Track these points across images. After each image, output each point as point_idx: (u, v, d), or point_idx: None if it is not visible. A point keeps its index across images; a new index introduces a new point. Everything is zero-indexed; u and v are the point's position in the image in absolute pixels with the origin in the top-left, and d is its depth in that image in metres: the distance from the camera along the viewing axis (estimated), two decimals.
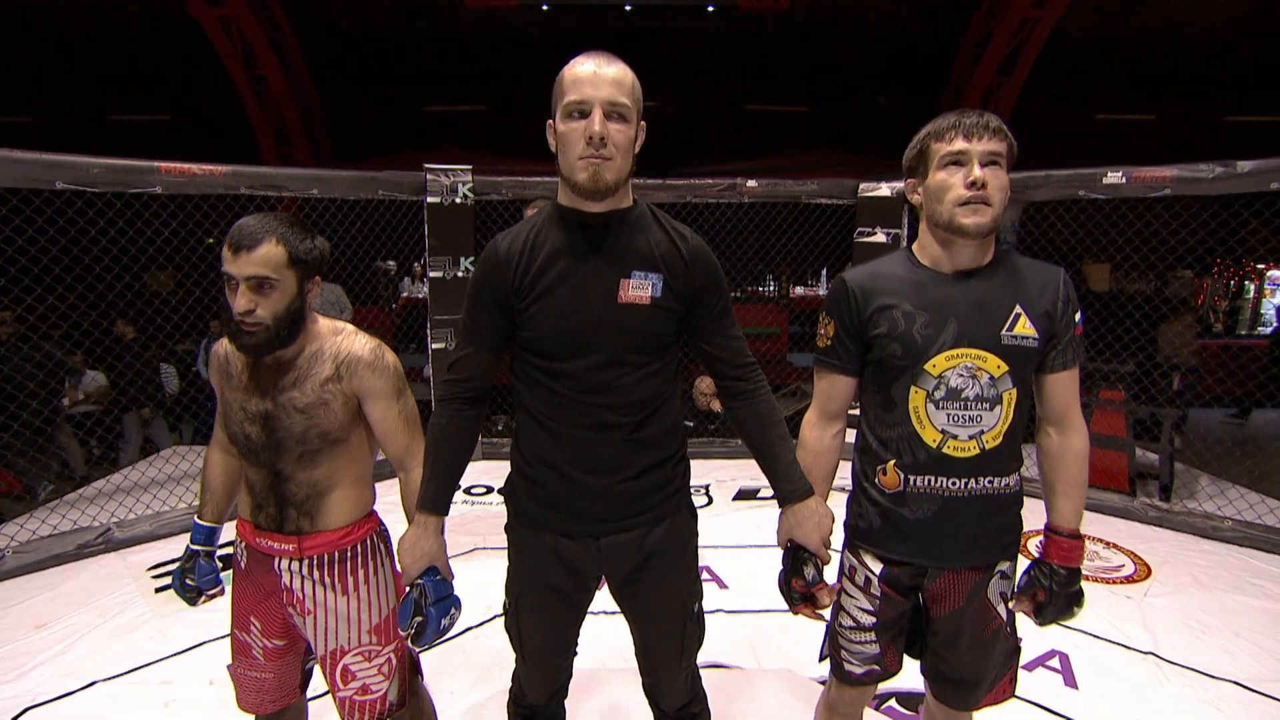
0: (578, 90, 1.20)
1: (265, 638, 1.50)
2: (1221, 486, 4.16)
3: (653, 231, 1.31)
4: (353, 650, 1.48)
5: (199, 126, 11.01)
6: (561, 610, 1.42)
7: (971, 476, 1.31)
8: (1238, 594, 2.96)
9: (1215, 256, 7.97)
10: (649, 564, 1.39)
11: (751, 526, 3.67)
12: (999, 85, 10.25)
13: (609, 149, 1.20)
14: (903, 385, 1.32)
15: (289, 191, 3.94)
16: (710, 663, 2.42)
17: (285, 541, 1.43)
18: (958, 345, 1.28)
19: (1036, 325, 1.29)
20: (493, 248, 1.32)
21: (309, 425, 1.37)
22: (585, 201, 1.26)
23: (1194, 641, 2.57)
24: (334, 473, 1.43)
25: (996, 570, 1.38)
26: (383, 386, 1.42)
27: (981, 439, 1.30)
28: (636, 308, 1.27)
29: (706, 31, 11.07)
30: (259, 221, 1.33)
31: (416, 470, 1.45)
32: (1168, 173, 3.48)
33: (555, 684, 1.52)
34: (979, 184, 1.23)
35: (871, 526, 1.41)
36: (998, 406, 1.29)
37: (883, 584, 1.41)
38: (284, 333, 1.34)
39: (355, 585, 1.47)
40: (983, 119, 1.26)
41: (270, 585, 1.47)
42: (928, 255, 1.35)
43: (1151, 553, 3.37)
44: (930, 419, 1.30)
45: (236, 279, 1.30)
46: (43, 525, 3.47)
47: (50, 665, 2.46)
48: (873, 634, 1.44)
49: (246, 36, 9.07)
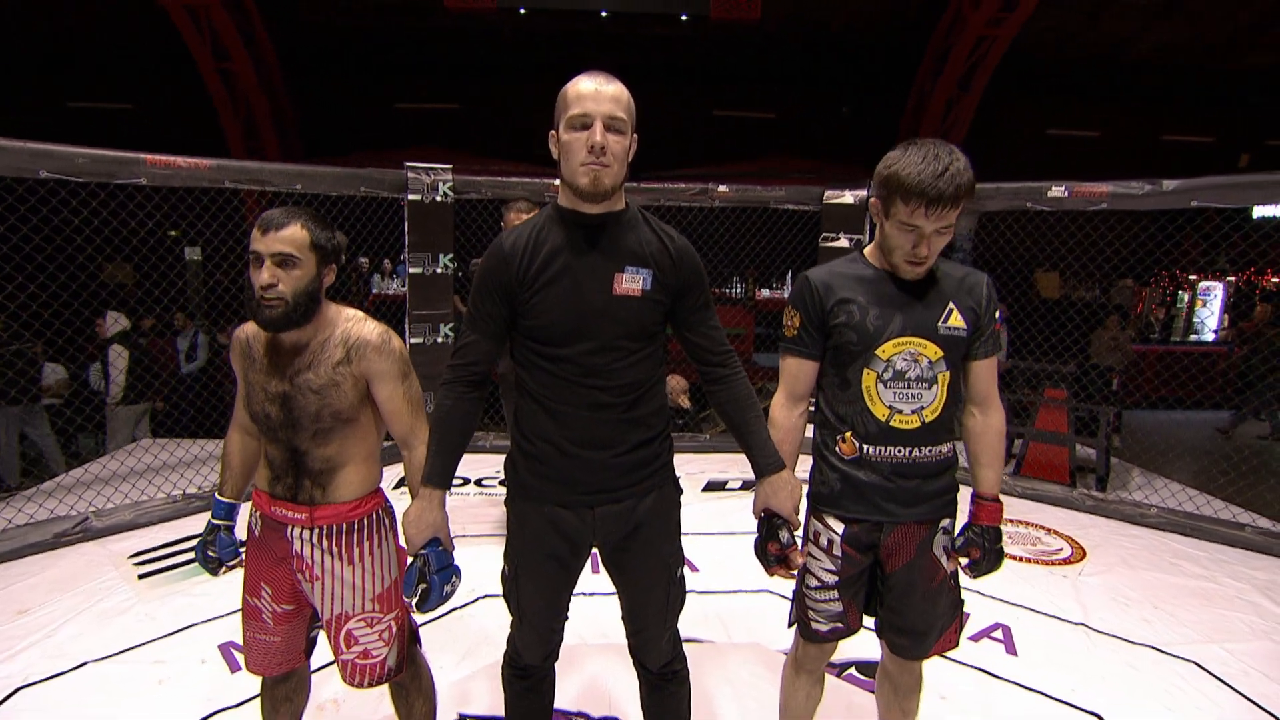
0: (580, 105, 1.36)
1: (275, 603, 1.61)
2: (1150, 478, 4.51)
3: (643, 232, 1.48)
4: (356, 616, 1.59)
5: (163, 117, 10.73)
6: (558, 576, 1.56)
7: (915, 445, 1.53)
8: (1159, 572, 3.26)
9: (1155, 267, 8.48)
10: (638, 532, 1.54)
11: (720, 515, 3.86)
12: (958, 99, 10.69)
13: (607, 157, 1.37)
14: (857, 368, 1.53)
15: (273, 186, 3.97)
16: (685, 638, 2.56)
17: (298, 510, 1.54)
18: (903, 334, 1.51)
19: (965, 318, 1.53)
20: (498, 244, 1.47)
21: (322, 405, 1.49)
22: (584, 204, 1.42)
23: (1119, 614, 2.85)
24: (345, 449, 1.55)
25: (940, 526, 1.60)
26: (389, 369, 1.54)
27: (922, 413, 1.52)
28: (629, 299, 1.43)
29: (678, 38, 11.28)
30: (286, 209, 1.48)
31: (420, 449, 1.58)
32: (1104, 188, 3.78)
33: (549, 645, 1.66)
34: (921, 257, 1.46)
35: (833, 490, 1.60)
36: (935, 386, 1.52)
37: (844, 544, 1.59)
38: (301, 309, 1.46)
39: (361, 555, 1.58)
40: (947, 189, 1.37)
41: (282, 552, 1.58)
42: (878, 260, 1.57)
43: (1086, 537, 3.66)
44: (880, 396, 1.52)
45: (263, 255, 1.44)
46: (19, 514, 3.46)
47: (38, 647, 2.49)
48: (835, 592, 1.62)
49: (215, 27, 8.91)
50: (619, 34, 10.83)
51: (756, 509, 1.58)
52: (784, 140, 11.95)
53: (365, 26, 10.81)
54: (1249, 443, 6.65)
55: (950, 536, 1.62)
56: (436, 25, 10.62)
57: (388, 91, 11.83)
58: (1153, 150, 12.07)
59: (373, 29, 10.86)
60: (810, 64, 11.84)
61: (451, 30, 10.77)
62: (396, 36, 11.00)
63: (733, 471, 4.56)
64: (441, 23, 10.50)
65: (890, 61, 11.47)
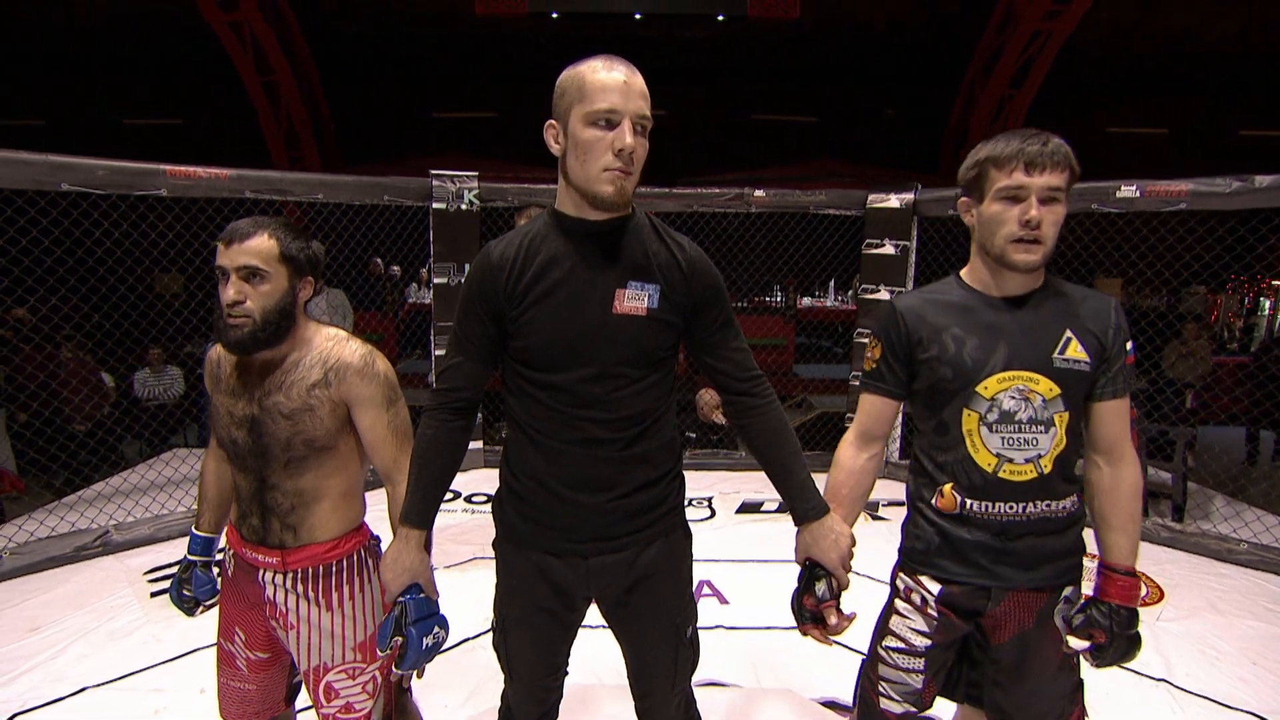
0: (606, 99, 1.15)
1: (249, 649, 1.47)
2: (1237, 508, 4.07)
3: (650, 241, 1.27)
4: (336, 668, 1.44)
5: (210, 131, 11.10)
6: (549, 630, 1.38)
7: (1029, 500, 1.29)
8: (1255, 620, 2.88)
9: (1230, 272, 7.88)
10: (640, 586, 1.34)
11: (755, 540, 3.62)
12: (1010, 98, 10.21)
13: (633, 163, 1.18)
14: (955, 408, 1.31)
15: (294, 196, 3.93)
16: (708, 680, 2.37)
17: (269, 554, 1.40)
18: (1009, 368, 1.27)
19: (1088, 349, 1.28)
20: (485, 254, 1.28)
21: (294, 431, 1.35)
22: (594, 210, 1.22)
23: (1209, 670, 2.50)
24: (320, 483, 1.39)
25: (1063, 595, 1.34)
26: (372, 394, 1.39)
27: (1038, 462, 1.28)
28: (631, 319, 1.23)
29: (715, 40, 11.11)
30: (254, 219, 1.34)
31: (404, 486, 1.41)
32: (1183, 187, 3.43)
33: (544, 705, 1.48)
34: (1034, 224, 1.22)
35: (930, 547, 1.37)
36: (1052, 429, 1.28)
37: (940, 605, 1.35)
38: (271, 328, 1.32)
39: (340, 601, 1.43)
40: (1047, 147, 1.22)
41: (254, 596, 1.44)
42: (977, 279, 1.35)
43: (1163, 575, 3.29)
44: (985, 443, 1.29)
45: (228, 270, 1.30)
46: (40, 526, 3.45)
47: (41, 670, 2.44)
48: (922, 661, 1.38)
49: (259, 41, 9.13)
50: (654, 37, 10.71)
51: (799, 557, 1.36)
52: (826, 144, 11.62)
53: (401, 38, 10.95)
54: None
55: (1072, 606, 1.35)
56: (470, 33, 10.70)
57: (424, 100, 11.97)
58: (1229, 147, 11.29)
59: (408, 39, 11.00)
60: (852, 65, 11.51)
61: (485, 38, 10.83)
62: (432, 46, 11.12)
63: (769, 492, 4.31)
64: (475, 31, 10.57)
65: (936, 61, 11.06)
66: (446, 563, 3.33)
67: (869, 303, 4.66)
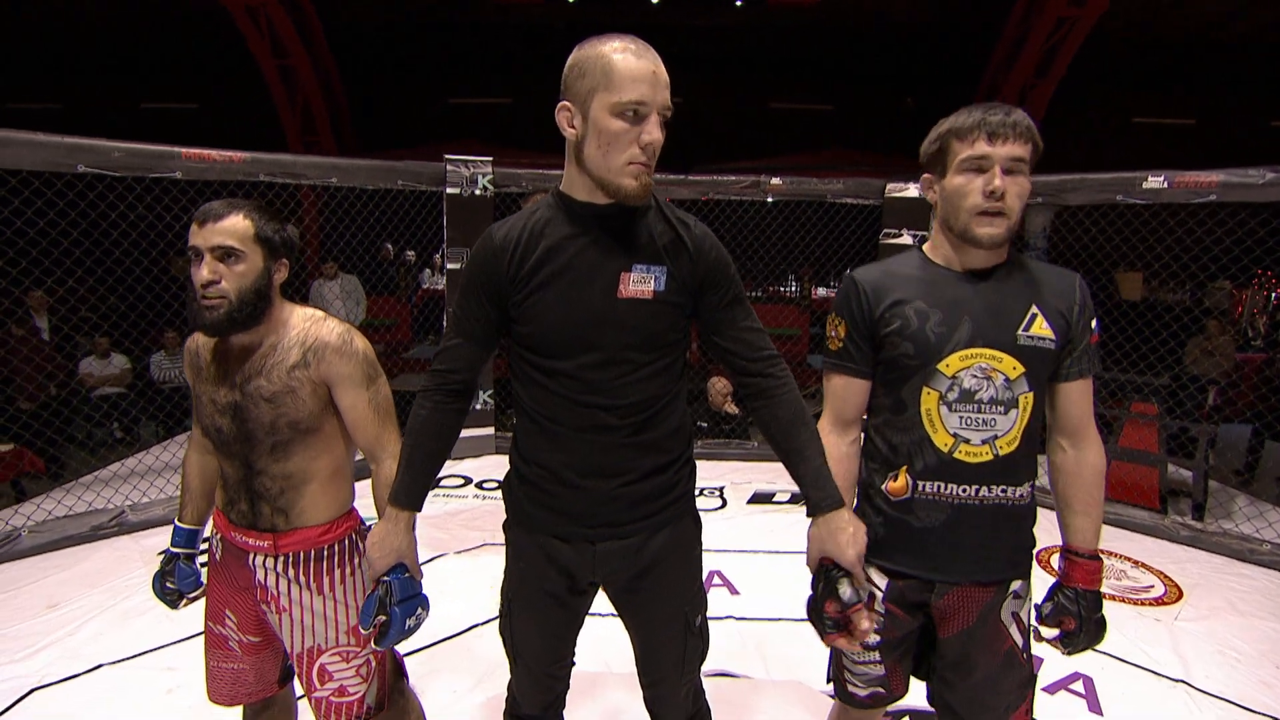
0: (636, 90, 1.10)
1: (241, 632, 1.47)
2: (1260, 507, 3.99)
3: (656, 223, 1.23)
4: (329, 650, 1.44)
5: (227, 115, 11.14)
6: (556, 615, 1.36)
7: (983, 483, 1.25)
8: (1277, 622, 2.82)
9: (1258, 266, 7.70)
10: (649, 573, 1.32)
11: (766, 531, 3.60)
12: (1033, 86, 9.98)
13: (654, 156, 1.15)
14: (914, 386, 1.27)
15: (308, 179, 3.93)
16: (718, 671, 2.36)
17: (260, 538, 1.40)
18: (972, 345, 1.23)
19: (1054, 326, 1.24)
20: (488, 236, 1.25)
21: (277, 414, 1.34)
22: (600, 196, 1.19)
23: (1229, 672, 2.45)
24: (307, 465, 1.39)
25: (1010, 590, 1.32)
26: (351, 372, 1.38)
27: (995, 444, 1.24)
28: (638, 303, 1.20)
29: (732, 27, 10.94)
30: (228, 200, 1.34)
31: (389, 463, 1.42)
32: (1214, 178, 3.33)
33: (550, 694, 1.46)
34: (998, 194, 1.19)
35: (876, 536, 1.33)
36: (1013, 410, 1.24)
37: (888, 602, 1.34)
38: (248, 308, 1.31)
39: (332, 585, 1.43)
40: (1009, 117, 1.19)
41: (245, 580, 1.44)
42: (940, 254, 1.31)
43: (1183, 574, 3.23)
44: (943, 422, 1.25)
45: (202, 250, 1.29)
46: (59, 506, 3.49)
47: (58, 646, 2.48)
48: (877, 654, 1.38)
49: (275, 26, 9.11)
50: (671, 23, 10.58)
51: (811, 558, 1.27)
52: (843, 133, 11.46)
53: (418, 22, 10.90)
54: None
55: (1023, 602, 1.34)
56: (487, 19, 10.62)
57: (440, 86, 11.93)
58: (1259, 138, 11.00)
59: (425, 24, 10.94)
60: (871, 53, 11.31)
61: (502, 24, 10.75)
62: (448, 32, 11.06)
63: (781, 482, 4.29)
64: (492, 17, 10.50)
65: (958, 49, 10.85)
66: (457, 548, 3.34)
67: None
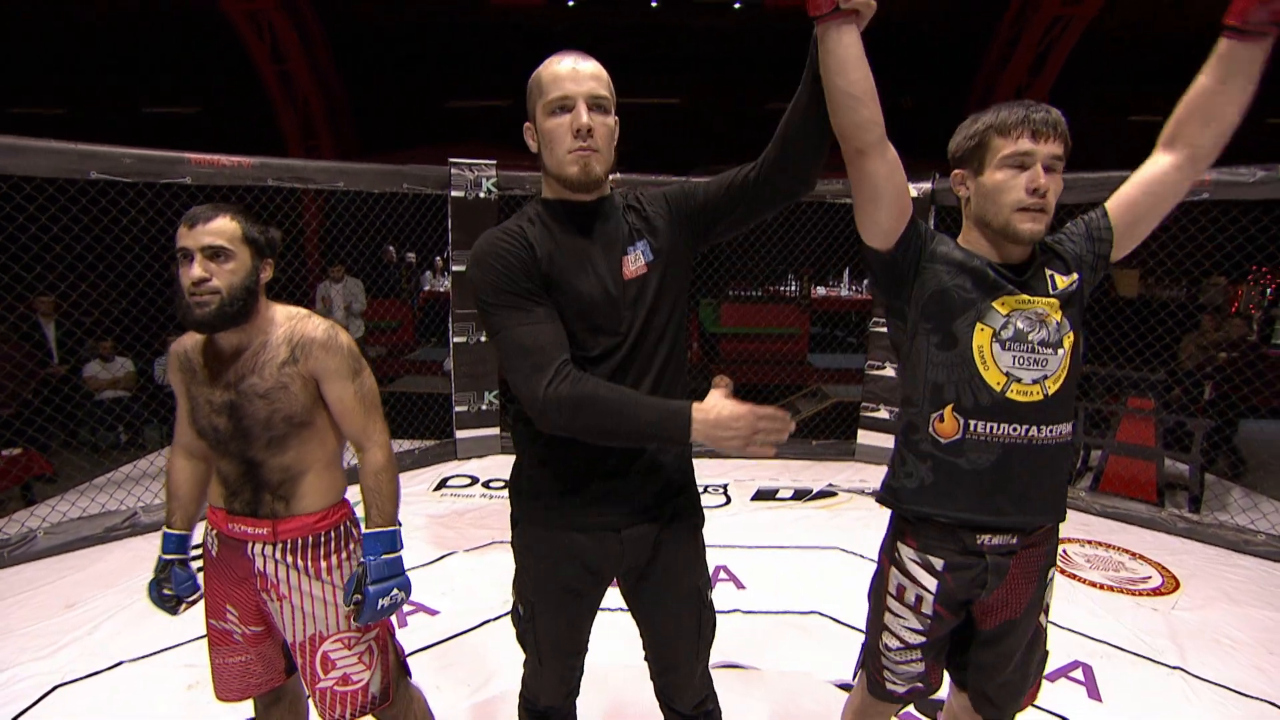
0: (559, 87, 1.22)
1: (243, 624, 1.51)
2: (1255, 499, 4.05)
3: (626, 212, 1.34)
4: (332, 636, 1.48)
5: (227, 119, 11.16)
6: (577, 610, 1.41)
7: (1033, 423, 1.25)
8: (1271, 610, 2.88)
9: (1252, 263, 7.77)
10: (661, 554, 1.37)
11: (770, 527, 3.65)
12: (1028, 86, 10.05)
13: (595, 140, 1.22)
14: (967, 321, 1.26)
15: (315, 184, 3.98)
16: (726, 663, 2.41)
17: (259, 525, 1.44)
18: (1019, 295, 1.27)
19: (1068, 271, 1.30)
20: (501, 232, 1.27)
21: (272, 410, 1.40)
22: (575, 193, 1.27)
23: (1224, 659, 2.51)
24: (304, 456, 1.45)
25: (1048, 579, 1.38)
26: (337, 366, 1.44)
27: (1044, 384, 1.25)
28: (641, 279, 1.29)
29: (730, 28, 10.99)
30: (212, 204, 1.40)
31: (374, 451, 1.48)
32: (1207, 176, 3.39)
33: (570, 684, 1.51)
34: (1042, 191, 1.20)
35: (922, 484, 1.32)
36: (1060, 350, 1.26)
37: (937, 604, 1.35)
38: (238, 305, 1.36)
39: (330, 570, 1.48)
40: (1050, 116, 1.21)
41: (243, 570, 1.48)
42: (975, 246, 1.32)
43: (1179, 565, 3.29)
44: (996, 360, 1.25)
45: (192, 250, 1.34)
46: (72, 508, 3.54)
47: (79, 645, 2.52)
48: (919, 653, 1.40)
49: (275, 31, 9.16)
50: (670, 24, 10.63)
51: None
52: None
53: (417, 24, 10.93)
54: None
55: (1049, 587, 1.40)
56: (487, 21, 10.66)
57: (440, 89, 11.97)
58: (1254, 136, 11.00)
59: (425, 26, 10.98)
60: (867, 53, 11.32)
61: (502, 26, 10.79)
62: (448, 34, 11.10)
63: (784, 479, 4.34)
64: (492, 19, 10.53)
65: (954, 49, 10.91)
66: (466, 546, 3.39)
67: None
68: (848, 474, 4.46)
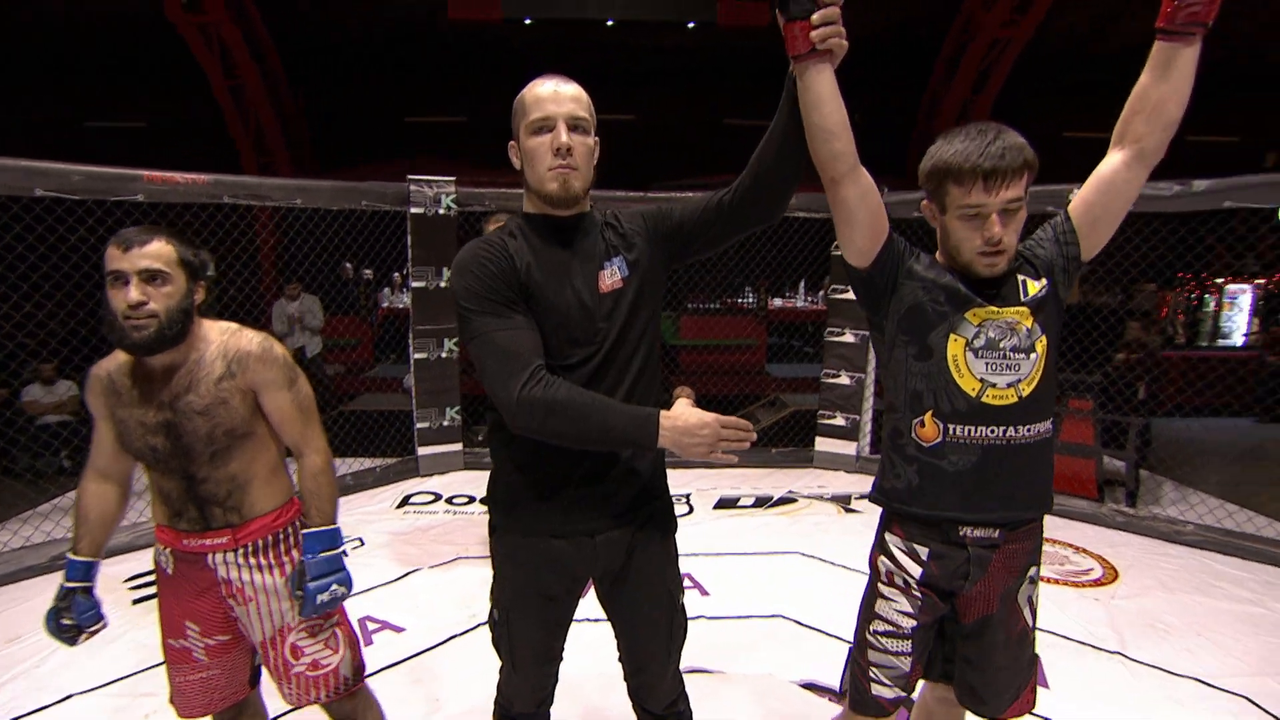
0: (541, 108, 1.28)
1: (206, 636, 1.52)
2: (1184, 492, 4.30)
3: (604, 229, 1.41)
4: (297, 626, 1.53)
5: (177, 135, 10.87)
6: (553, 616, 1.44)
7: (1010, 424, 1.31)
8: (1200, 595, 3.07)
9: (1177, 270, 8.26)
10: (637, 556, 1.43)
11: (732, 534, 3.72)
12: (972, 102, 10.52)
13: (574, 159, 1.29)
14: (941, 333, 1.34)
15: (272, 201, 3.94)
16: (692, 668, 2.45)
17: (218, 536, 1.47)
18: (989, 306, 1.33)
19: (1038, 274, 1.35)
20: (482, 243, 1.32)
21: (213, 425, 1.41)
22: (555, 209, 1.33)
23: (1159, 642, 2.67)
24: (247, 466, 1.48)
25: (1027, 575, 1.42)
26: (274, 377, 1.48)
27: (1018, 387, 1.31)
28: (617, 293, 1.35)
29: (686, 47, 11.22)
30: (145, 226, 1.41)
31: (313, 455, 1.53)
32: None
33: (543, 691, 1.54)
34: (995, 240, 1.26)
35: (910, 485, 1.38)
36: (1032, 354, 1.32)
37: (921, 586, 1.39)
38: (176, 327, 1.38)
39: (293, 563, 1.53)
40: (1002, 162, 1.23)
41: (205, 581, 1.50)
42: (949, 262, 1.38)
43: (1119, 556, 3.47)
44: (969, 367, 1.32)
45: (128, 273, 1.34)
46: (14, 537, 3.41)
47: (25, 679, 2.43)
48: (909, 643, 1.41)
49: (226, 44, 9.00)
50: (626, 42, 10.79)
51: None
52: None
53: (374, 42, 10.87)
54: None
55: (1036, 588, 1.45)
56: (444, 38, 10.65)
57: (397, 105, 11.89)
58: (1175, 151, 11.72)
59: (383, 42, 10.92)
60: None
61: (459, 43, 10.79)
62: (406, 50, 11.05)
63: (744, 488, 4.43)
64: (449, 36, 10.53)
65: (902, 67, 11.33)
66: (430, 563, 3.37)
67: (839, 303, 4.80)
68: (806, 480, 4.57)
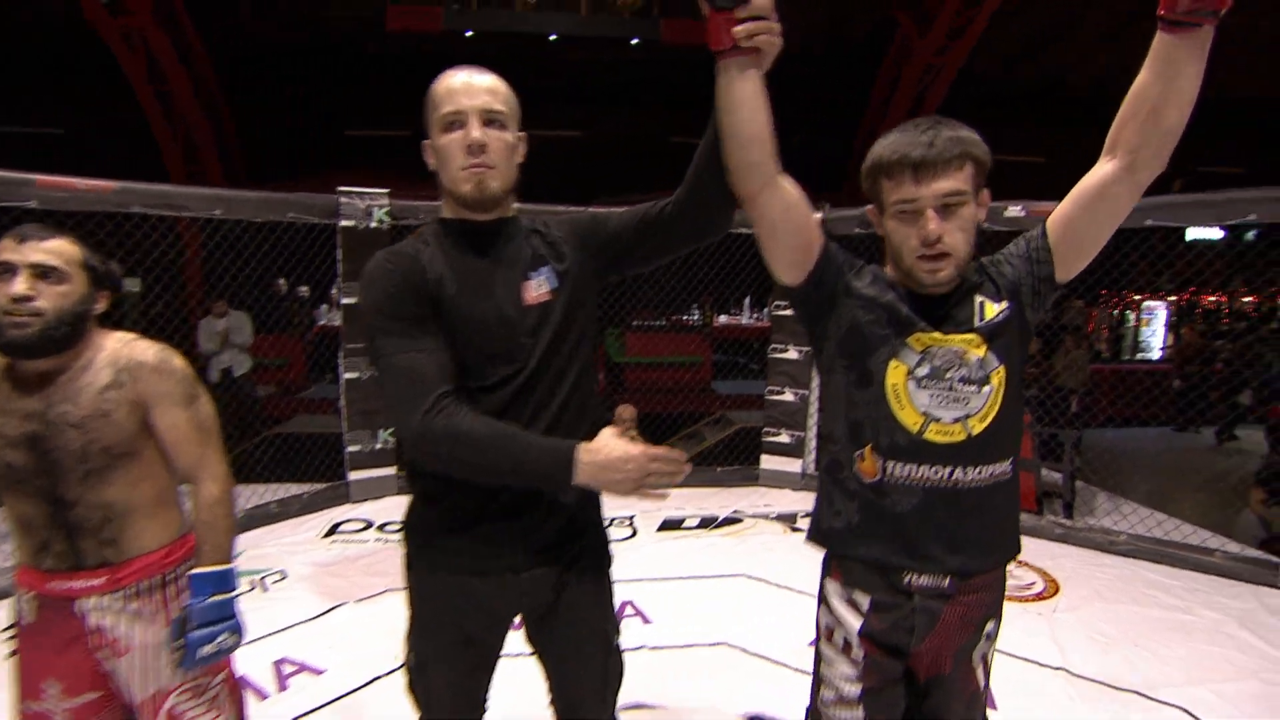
0: (452, 101, 1.17)
1: (70, 697, 1.32)
2: (1116, 502, 4.41)
3: (530, 236, 1.29)
4: (179, 688, 1.35)
5: (98, 142, 10.32)
6: (473, 662, 1.31)
7: (956, 465, 1.16)
8: (1135, 605, 3.11)
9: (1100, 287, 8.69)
10: (568, 592, 1.30)
11: (677, 556, 3.62)
12: None
13: (490, 156, 1.17)
14: (881, 358, 1.19)
15: (189, 211, 3.70)
16: (633, 703, 2.32)
17: (91, 578, 1.29)
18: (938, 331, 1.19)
19: (1004, 297, 1.20)
20: (392, 254, 1.21)
21: (88, 440, 1.26)
22: (472, 212, 1.22)
23: (1099, 655, 2.67)
24: (129, 492, 1.31)
25: (984, 632, 1.27)
26: (170, 391, 1.33)
27: (967, 423, 1.16)
28: (544, 306, 1.23)
29: (630, 63, 11.31)
30: (50, 225, 1.29)
31: (210, 484, 1.36)
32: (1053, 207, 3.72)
33: None
34: (931, 239, 1.12)
35: (849, 524, 1.23)
36: (985, 386, 1.16)
37: (864, 640, 1.22)
38: (63, 329, 1.24)
39: (176, 612, 1.34)
40: (932, 150, 1.11)
41: (70, 632, 1.31)
42: (897, 277, 1.24)
43: (1058, 569, 3.51)
44: (911, 399, 1.17)
45: (17, 265, 1.21)
46: None
47: None
48: (859, 709, 1.23)
49: (151, 49, 8.59)
50: (571, 59, 10.80)
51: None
52: None
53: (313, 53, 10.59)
54: (1198, 456, 6.73)
55: (993, 644, 1.29)
56: (383, 50, 10.46)
57: (338, 118, 11.60)
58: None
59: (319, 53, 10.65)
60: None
61: (400, 55, 10.61)
62: (345, 61, 10.81)
63: (689, 508, 4.34)
64: (390, 49, 10.36)
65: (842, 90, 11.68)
66: (358, 596, 3.15)
67: (783, 319, 4.80)
68: (752, 499, 4.51)
